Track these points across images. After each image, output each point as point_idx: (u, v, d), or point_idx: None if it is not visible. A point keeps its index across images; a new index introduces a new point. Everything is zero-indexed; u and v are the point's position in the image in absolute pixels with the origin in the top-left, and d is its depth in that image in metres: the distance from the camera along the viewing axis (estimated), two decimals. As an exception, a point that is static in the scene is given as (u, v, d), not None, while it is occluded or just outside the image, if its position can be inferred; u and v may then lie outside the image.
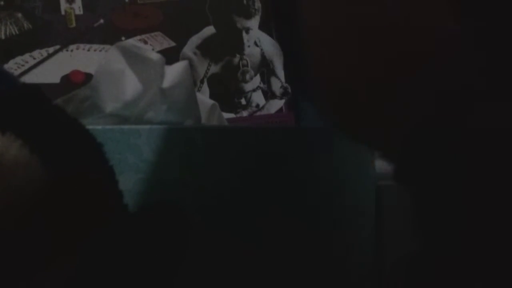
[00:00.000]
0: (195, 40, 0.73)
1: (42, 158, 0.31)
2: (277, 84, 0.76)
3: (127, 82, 0.48)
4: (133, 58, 0.48)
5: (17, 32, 0.68)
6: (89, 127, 0.35)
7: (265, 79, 0.76)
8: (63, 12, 0.69)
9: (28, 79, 0.66)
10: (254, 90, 0.75)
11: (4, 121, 0.30)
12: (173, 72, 0.49)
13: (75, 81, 0.68)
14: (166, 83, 0.48)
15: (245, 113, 0.74)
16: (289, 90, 0.76)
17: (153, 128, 0.47)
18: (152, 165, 0.47)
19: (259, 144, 0.53)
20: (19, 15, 0.68)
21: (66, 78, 0.67)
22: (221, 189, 0.50)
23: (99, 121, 0.45)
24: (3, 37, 0.67)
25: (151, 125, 0.47)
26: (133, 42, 0.66)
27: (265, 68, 0.75)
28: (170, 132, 0.48)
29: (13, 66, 0.67)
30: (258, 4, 0.75)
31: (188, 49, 0.72)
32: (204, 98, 0.59)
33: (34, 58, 0.67)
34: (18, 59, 0.67)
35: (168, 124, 0.51)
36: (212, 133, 0.48)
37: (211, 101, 0.58)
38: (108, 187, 0.36)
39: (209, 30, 0.74)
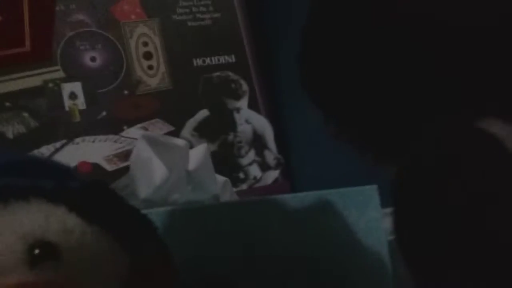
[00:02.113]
0: (191, 123, 0.79)
1: (122, 244, 0.34)
2: (270, 156, 0.82)
3: (155, 169, 0.52)
4: (159, 146, 0.52)
5: (25, 131, 0.71)
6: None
7: (259, 153, 0.81)
8: (67, 109, 0.74)
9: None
10: (250, 164, 0.80)
11: (90, 215, 0.33)
12: (196, 155, 0.53)
13: (83, 172, 0.71)
14: (191, 166, 0.53)
15: (244, 186, 0.79)
16: (282, 161, 0.82)
17: (184, 209, 0.51)
18: (186, 243, 0.50)
19: (273, 214, 0.57)
20: (26, 114, 0.72)
21: (74, 170, 0.70)
22: (246, 257, 0.53)
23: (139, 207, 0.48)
24: (11, 136, 0.70)
25: (182, 206, 0.51)
26: (157, 133, 0.71)
27: (258, 142, 0.82)
28: (199, 211, 0.52)
29: (21, 163, 0.70)
30: (245, 87, 0.82)
31: (186, 131, 0.78)
32: (217, 175, 0.63)
33: (43, 154, 0.70)
34: (26, 156, 0.70)
35: (192, 203, 0.55)
36: (239, 207, 0.52)
37: (224, 178, 0.62)
38: (170, 263, 0.39)
39: (204, 113, 0.80)
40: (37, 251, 0.27)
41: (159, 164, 0.52)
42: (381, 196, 0.63)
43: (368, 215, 0.59)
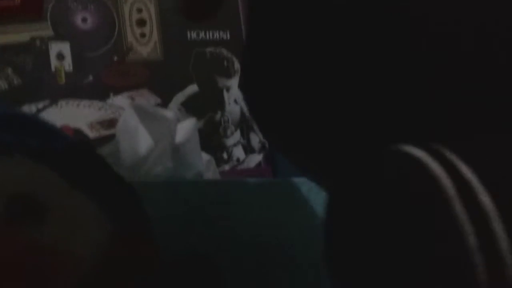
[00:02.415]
0: (179, 97, 0.77)
1: (105, 211, 0.33)
2: (256, 139, 0.81)
3: (140, 139, 0.50)
4: (147, 117, 0.51)
5: (7, 87, 0.69)
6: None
7: (245, 135, 0.80)
8: (53, 69, 0.71)
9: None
10: (235, 145, 0.79)
11: (73, 178, 0.32)
12: (184, 130, 0.52)
13: (64, 136, 0.69)
14: (178, 140, 0.51)
15: (227, 167, 0.78)
16: (266, 145, 0.81)
17: (167, 183, 0.49)
18: (167, 217, 0.49)
19: (255, 196, 0.56)
20: (9, 70, 0.69)
21: (60, 131, 0.68)
22: (226, 236, 0.53)
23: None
24: (-8, 91, 0.68)
25: (166, 180, 0.50)
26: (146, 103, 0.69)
27: (244, 124, 0.80)
28: (183, 186, 0.51)
29: None
30: (237, 66, 0.81)
31: (173, 105, 0.76)
32: (202, 153, 0.62)
33: (24, 113, 0.68)
34: (6, 113, 0.68)
35: (175, 178, 0.54)
36: (224, 187, 0.51)
37: (208, 156, 0.61)
38: (152, 236, 0.38)
39: (193, 88, 0.78)
40: (17, 207, 0.26)
41: (145, 135, 0.51)
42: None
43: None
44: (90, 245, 0.30)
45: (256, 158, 0.80)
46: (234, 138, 0.79)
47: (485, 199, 0.16)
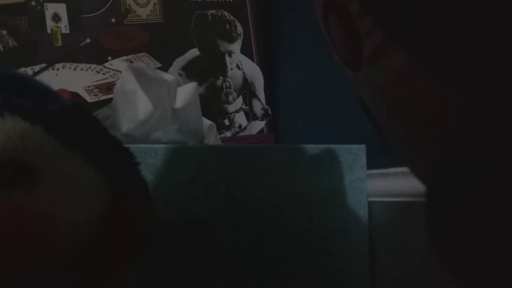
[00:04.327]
0: (180, 61, 0.75)
1: (102, 176, 0.32)
2: (258, 106, 0.79)
3: (139, 103, 0.49)
4: (146, 79, 0.49)
5: (1, 50, 0.67)
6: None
7: (247, 101, 0.78)
8: (49, 31, 0.69)
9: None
10: (236, 111, 0.77)
11: (69, 141, 0.31)
12: (184, 94, 0.50)
13: (61, 100, 0.67)
14: (178, 104, 0.50)
15: (228, 134, 0.76)
16: (269, 112, 0.79)
17: (167, 147, 0.48)
18: (167, 183, 0.48)
19: (257, 162, 0.55)
20: (4, 32, 0.67)
21: (56, 92, 0.66)
22: (227, 202, 0.52)
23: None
24: (-13, 53, 0.66)
25: (166, 145, 0.48)
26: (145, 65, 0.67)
27: (247, 90, 0.78)
28: (183, 151, 0.50)
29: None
30: (240, 29, 0.78)
31: (174, 70, 0.74)
32: (203, 118, 0.61)
33: (19, 76, 0.66)
34: (1, 76, 0.66)
35: (176, 143, 0.52)
36: (225, 152, 0.50)
37: (209, 122, 0.60)
38: (150, 202, 0.37)
39: (193, 52, 0.76)
40: (9, 170, 0.24)
41: (144, 98, 0.49)
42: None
43: (353, 175, 0.58)
44: (86, 210, 0.29)
45: (258, 125, 0.78)
46: (235, 104, 0.77)
47: None
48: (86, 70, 0.70)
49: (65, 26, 0.70)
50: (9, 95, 0.31)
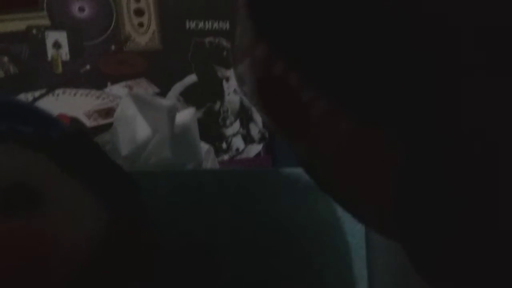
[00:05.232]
0: (178, 87, 0.76)
1: (102, 201, 0.33)
2: (255, 129, 0.80)
3: (138, 128, 0.50)
4: (145, 105, 0.50)
5: (3, 76, 0.68)
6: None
7: (244, 125, 0.80)
8: (49, 58, 0.70)
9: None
10: (234, 135, 0.79)
11: (70, 166, 0.32)
12: (182, 119, 0.52)
13: (61, 125, 0.68)
14: (177, 129, 0.51)
15: (226, 157, 0.77)
16: (266, 135, 0.80)
17: (166, 171, 0.49)
18: (166, 206, 0.49)
19: (254, 186, 0.56)
20: (5, 59, 0.69)
21: (56, 119, 0.67)
22: (226, 226, 0.52)
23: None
24: (-12, 80, 0.67)
25: (164, 169, 0.49)
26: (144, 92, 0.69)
27: (244, 114, 0.80)
28: (182, 175, 0.51)
29: (-4, 109, 0.67)
30: (236, 55, 0.80)
31: (172, 95, 0.75)
32: (201, 142, 0.61)
33: (20, 102, 0.67)
34: (2, 102, 0.67)
35: (174, 167, 0.53)
36: (224, 176, 0.51)
37: (207, 145, 0.61)
38: (149, 225, 0.38)
39: (192, 78, 0.77)
40: (13, 194, 0.25)
41: (143, 123, 0.50)
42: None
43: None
44: (87, 233, 0.30)
45: (256, 148, 0.80)
46: (233, 128, 0.79)
47: None
48: (86, 95, 0.71)
49: (66, 53, 0.71)
50: (13, 123, 0.32)
